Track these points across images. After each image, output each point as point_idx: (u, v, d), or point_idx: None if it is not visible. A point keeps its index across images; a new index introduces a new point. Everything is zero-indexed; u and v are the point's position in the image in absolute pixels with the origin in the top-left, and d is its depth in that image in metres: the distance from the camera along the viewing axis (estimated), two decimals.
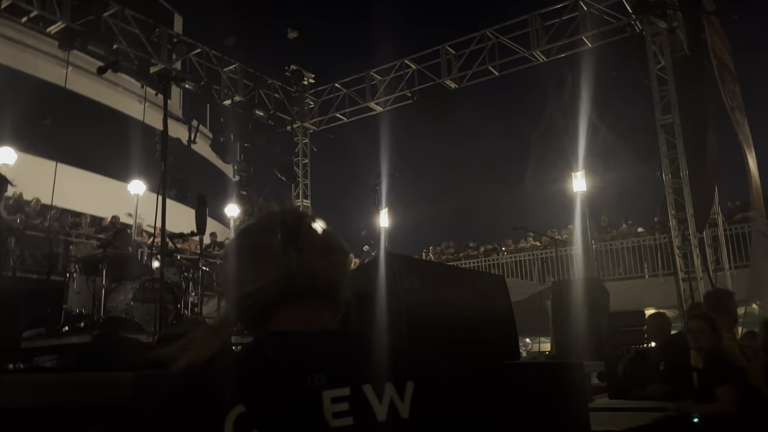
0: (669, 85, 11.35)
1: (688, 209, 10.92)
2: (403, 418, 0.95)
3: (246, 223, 1.12)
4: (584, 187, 12.64)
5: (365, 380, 0.96)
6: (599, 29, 12.44)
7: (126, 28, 12.17)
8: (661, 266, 13.59)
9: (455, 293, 2.96)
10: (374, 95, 15.33)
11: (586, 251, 12.58)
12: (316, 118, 16.60)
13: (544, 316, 9.06)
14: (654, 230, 14.40)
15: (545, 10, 13.14)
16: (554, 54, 13.19)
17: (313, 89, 16.44)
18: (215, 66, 14.28)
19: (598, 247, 14.31)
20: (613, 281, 13.01)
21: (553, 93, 13.49)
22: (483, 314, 3.08)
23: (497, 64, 13.78)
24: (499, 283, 3.38)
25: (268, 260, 1.03)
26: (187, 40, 13.58)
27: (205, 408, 0.91)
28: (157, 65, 12.70)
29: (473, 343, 2.93)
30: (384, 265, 2.65)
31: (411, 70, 14.81)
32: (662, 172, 11.16)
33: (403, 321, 2.53)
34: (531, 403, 2.67)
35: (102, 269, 6.92)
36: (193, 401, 0.93)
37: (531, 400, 2.68)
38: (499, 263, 16.45)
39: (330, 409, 0.92)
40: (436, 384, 1.03)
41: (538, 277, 15.37)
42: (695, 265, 10.68)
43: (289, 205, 1.14)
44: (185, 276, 7.64)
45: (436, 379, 1.04)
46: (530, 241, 16.38)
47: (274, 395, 0.92)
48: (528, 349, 12.02)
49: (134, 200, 11.18)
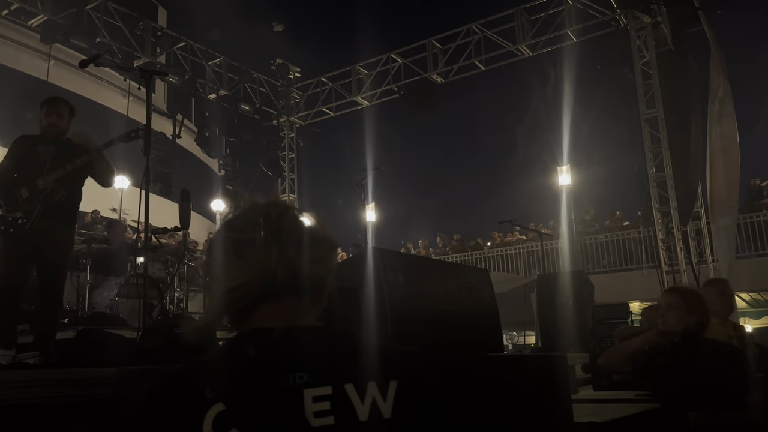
0: (653, 80, 11.44)
1: (671, 203, 11.03)
2: (385, 418, 0.94)
3: (229, 216, 1.10)
4: (569, 181, 12.72)
5: (348, 379, 0.95)
6: (584, 24, 12.52)
7: (109, 21, 12.05)
8: (645, 259, 13.72)
9: (439, 287, 2.97)
10: (360, 89, 15.30)
11: (572, 245, 12.67)
12: (302, 113, 16.56)
13: (530, 309, 9.13)
14: (638, 223, 14.53)
15: (530, 5, 13.19)
16: (540, 48, 13.25)
17: (299, 83, 16.38)
18: (200, 60, 14.19)
19: (583, 240, 14.42)
20: (598, 274, 13.12)
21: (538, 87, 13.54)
22: (467, 308, 3.10)
23: (483, 59, 13.82)
24: (483, 276, 3.40)
25: (250, 255, 1.02)
26: (171, 34, 13.48)
27: (184, 405, 0.90)
28: (141, 59, 12.60)
29: (457, 337, 2.95)
30: (368, 260, 2.66)
31: (397, 65, 14.81)
32: (646, 165, 11.26)
33: (387, 315, 2.53)
34: (514, 396, 2.70)
35: (86, 265, 6.87)
36: (173, 398, 0.92)
37: (514, 392, 2.71)
38: (485, 257, 16.51)
39: (311, 408, 0.91)
40: (419, 384, 1.02)
41: (524, 270, 15.45)
42: (679, 257, 10.80)
43: (273, 198, 1.11)
44: (170, 271, 7.61)
45: (419, 379, 1.03)
46: (516, 235, 16.46)
47: (254, 394, 0.91)
48: (514, 342, 12.10)
49: (118, 195, 11.07)
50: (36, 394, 2.32)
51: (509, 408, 2.69)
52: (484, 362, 2.95)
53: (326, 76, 15.89)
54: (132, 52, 12.40)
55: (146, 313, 4.84)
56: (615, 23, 11.97)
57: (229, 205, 1.12)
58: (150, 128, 3.89)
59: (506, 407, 2.68)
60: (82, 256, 7.00)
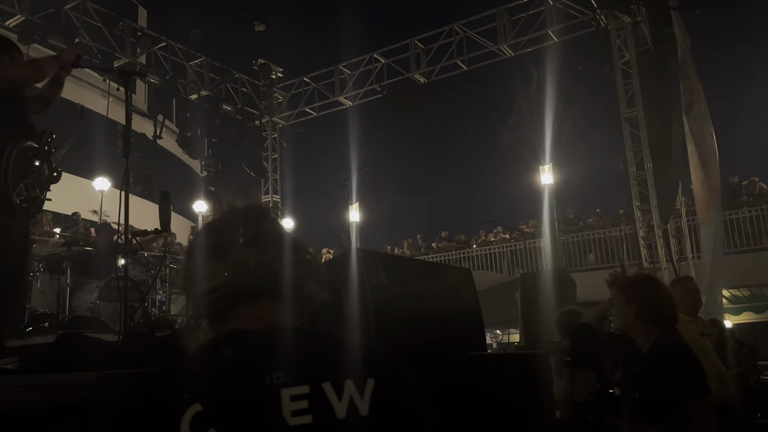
0: (633, 79, 11.56)
1: (652, 201, 11.15)
2: (362, 415, 0.95)
3: (209, 219, 1.11)
4: (552, 180, 12.81)
5: (325, 378, 0.96)
6: (565, 24, 12.62)
7: (88, 21, 11.92)
8: (626, 257, 13.86)
9: (422, 287, 2.98)
10: (343, 89, 15.29)
11: (554, 243, 12.76)
12: (284, 113, 16.50)
13: (514, 307, 9.18)
14: (620, 222, 14.68)
15: (512, 5, 13.27)
16: (521, 48, 13.33)
17: (282, 83, 16.33)
18: (181, 60, 14.08)
19: (565, 239, 14.53)
20: (580, 272, 13.23)
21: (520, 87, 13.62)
22: (450, 307, 3.11)
23: (465, 59, 13.88)
24: (465, 276, 3.42)
25: (228, 257, 1.02)
26: (151, 34, 13.36)
27: (161, 407, 0.91)
28: (120, 59, 12.47)
29: (440, 336, 2.96)
30: (350, 260, 2.66)
31: (380, 64, 14.81)
32: (627, 164, 11.38)
33: (370, 316, 2.54)
34: (496, 394, 2.71)
35: (66, 267, 6.80)
36: (149, 400, 0.93)
37: (496, 390, 2.72)
38: (469, 256, 16.58)
39: (289, 407, 0.92)
40: (396, 382, 1.03)
41: (508, 269, 15.54)
42: (659, 255, 10.92)
43: (253, 201, 1.12)
44: (152, 273, 7.55)
45: (397, 377, 1.04)
46: (500, 234, 16.56)
47: (231, 394, 0.92)
48: (498, 341, 12.16)
49: (99, 197, 10.96)
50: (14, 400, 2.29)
51: (492, 406, 2.71)
52: (467, 361, 2.96)
53: (309, 76, 15.85)
54: (112, 53, 12.28)
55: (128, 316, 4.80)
56: (595, 23, 12.07)
57: (212, 207, 1.13)
58: (130, 129, 3.85)
59: (489, 405, 2.70)
60: (62, 259, 6.92)
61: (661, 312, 2.59)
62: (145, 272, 7.58)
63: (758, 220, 13.36)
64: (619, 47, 11.81)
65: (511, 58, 13.55)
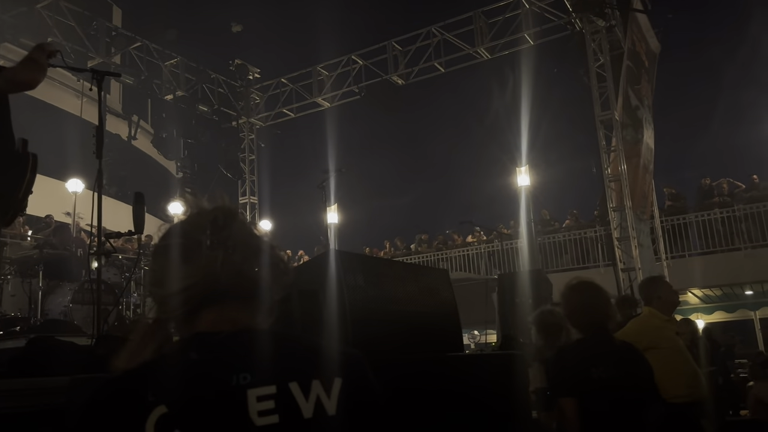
0: (607, 82, 11.71)
1: (626, 202, 11.30)
2: (329, 414, 0.96)
3: (177, 220, 1.10)
4: (528, 182, 12.92)
5: (292, 378, 0.96)
6: (541, 27, 12.76)
7: (61, 21, 11.73)
8: (601, 257, 14.03)
9: (399, 288, 2.99)
10: (321, 91, 15.26)
11: (531, 244, 12.87)
12: (262, 114, 16.40)
13: (491, 308, 9.23)
14: (594, 223, 14.86)
15: (489, 8, 13.36)
16: (498, 51, 13.44)
17: (259, 84, 16.23)
18: (156, 60, 13.93)
19: (541, 240, 14.67)
20: (557, 273, 13.35)
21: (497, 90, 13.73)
22: (427, 308, 3.12)
23: (443, 61, 13.94)
24: (443, 277, 3.43)
25: (195, 259, 1.02)
26: (126, 34, 13.21)
27: (125, 409, 0.90)
28: (95, 59, 12.30)
29: (417, 338, 2.97)
30: (327, 262, 2.66)
31: (358, 66, 14.81)
32: (601, 166, 11.52)
33: (347, 317, 2.53)
34: (473, 394, 2.73)
35: (38, 270, 6.68)
36: (113, 403, 0.92)
37: (473, 391, 2.74)
38: (448, 257, 16.64)
39: (255, 408, 0.92)
40: (363, 382, 1.03)
41: (486, 270, 15.63)
42: (633, 255, 11.08)
43: (221, 202, 1.10)
44: (126, 276, 7.45)
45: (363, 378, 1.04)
46: (478, 235, 16.64)
47: (196, 395, 0.92)
48: (476, 341, 12.21)
49: (72, 199, 10.80)
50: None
51: (469, 406, 2.72)
52: (444, 362, 2.97)
53: (286, 77, 15.79)
54: (85, 53, 12.10)
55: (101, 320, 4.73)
56: (570, 27, 12.21)
57: (186, 209, 1.12)
58: (103, 130, 3.80)
59: (466, 405, 2.71)
60: (34, 262, 6.80)
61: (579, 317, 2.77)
62: (120, 275, 7.49)
63: (729, 221, 13.60)
64: (594, 51, 11.97)
65: (488, 61, 13.66)
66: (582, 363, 2.59)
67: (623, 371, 2.58)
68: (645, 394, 2.63)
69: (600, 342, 2.69)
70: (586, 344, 2.71)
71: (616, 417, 2.52)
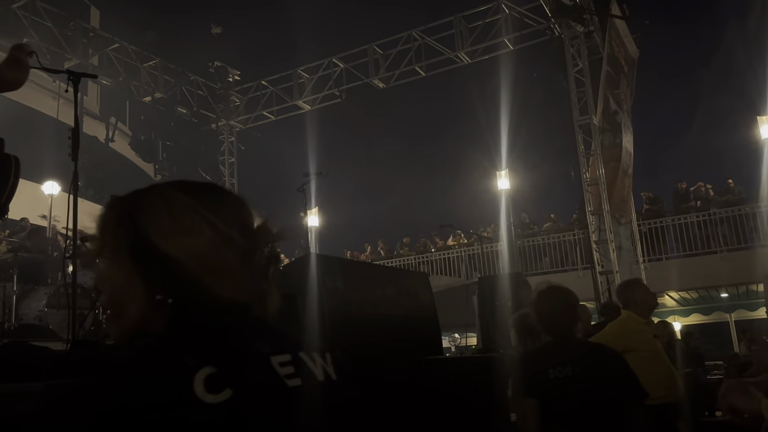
0: (586, 87, 11.84)
1: (604, 206, 11.42)
2: (333, 379, 1.03)
3: None
4: (508, 186, 13.01)
5: (299, 349, 1.02)
6: (520, 32, 12.86)
7: (37, 21, 11.57)
8: (580, 261, 14.17)
9: (379, 291, 2.99)
10: (302, 93, 15.22)
11: (511, 247, 12.96)
12: (242, 116, 16.31)
13: (472, 310, 9.26)
14: (573, 226, 15.00)
15: (469, 12, 13.44)
16: (478, 56, 13.52)
17: (239, 86, 16.14)
18: (134, 61, 13.79)
19: (521, 243, 14.77)
20: (536, 275, 13.46)
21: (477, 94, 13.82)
22: (407, 312, 3.12)
23: (424, 65, 13.99)
24: (422, 280, 3.44)
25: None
26: (104, 35, 13.06)
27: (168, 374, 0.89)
28: (72, 60, 12.15)
29: (397, 340, 2.97)
30: (306, 265, 2.64)
31: (339, 69, 14.80)
32: (579, 170, 11.64)
33: (326, 321, 2.53)
34: (452, 396, 2.73)
35: (13, 274, 6.57)
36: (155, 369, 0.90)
37: (452, 393, 2.74)
38: (429, 260, 16.69)
39: (281, 372, 0.97)
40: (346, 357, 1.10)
41: (466, 273, 15.69)
42: (611, 259, 11.19)
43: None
44: None
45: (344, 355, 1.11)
46: (458, 239, 16.71)
47: (236, 359, 0.95)
48: (456, 344, 12.24)
49: (48, 201, 10.64)
50: None
51: (448, 408, 2.72)
52: (424, 364, 2.97)
53: (267, 79, 15.72)
54: (62, 54, 11.95)
55: (77, 324, 4.66)
56: (550, 32, 12.33)
57: None
58: (78, 132, 3.75)
59: (446, 407, 2.72)
60: (8, 266, 6.69)
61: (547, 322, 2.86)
62: None
63: (705, 224, 13.82)
64: (573, 56, 12.09)
65: (469, 65, 13.74)
66: (540, 365, 2.71)
67: (585, 371, 2.65)
68: (614, 392, 2.66)
69: (562, 344, 2.78)
70: (547, 347, 2.84)
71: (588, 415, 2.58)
